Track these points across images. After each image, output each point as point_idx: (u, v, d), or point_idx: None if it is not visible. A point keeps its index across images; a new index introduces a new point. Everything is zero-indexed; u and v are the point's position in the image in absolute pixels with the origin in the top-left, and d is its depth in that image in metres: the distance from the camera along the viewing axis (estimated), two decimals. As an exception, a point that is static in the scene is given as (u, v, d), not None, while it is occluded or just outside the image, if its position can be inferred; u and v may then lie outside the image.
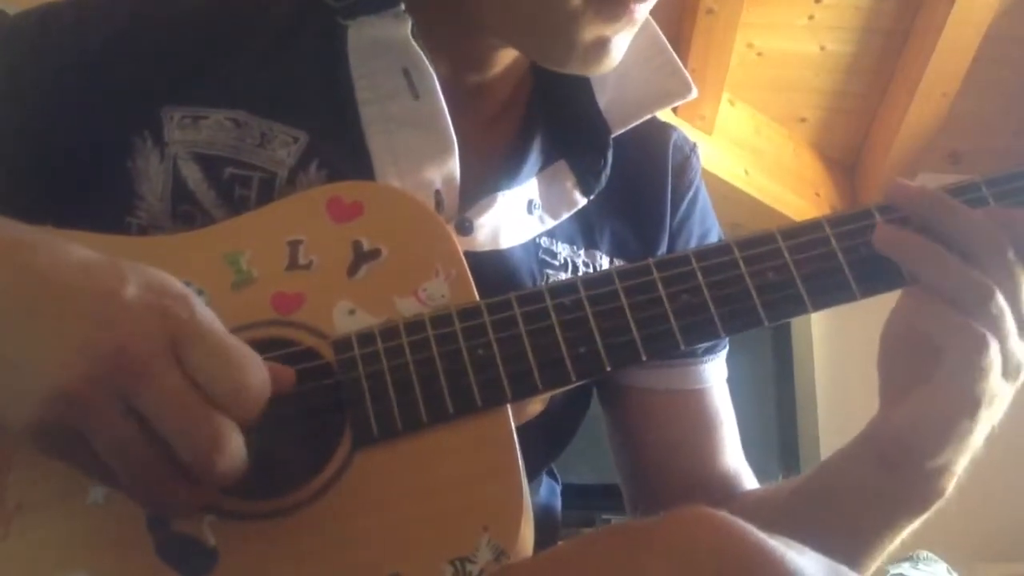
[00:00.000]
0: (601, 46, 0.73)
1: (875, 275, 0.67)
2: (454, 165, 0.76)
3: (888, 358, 0.70)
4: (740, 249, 0.67)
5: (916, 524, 0.72)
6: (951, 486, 0.70)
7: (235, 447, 0.55)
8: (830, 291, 0.66)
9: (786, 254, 0.67)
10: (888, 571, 2.24)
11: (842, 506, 0.73)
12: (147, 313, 0.54)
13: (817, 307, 0.66)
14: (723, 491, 0.86)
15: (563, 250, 0.82)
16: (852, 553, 0.72)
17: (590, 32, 0.72)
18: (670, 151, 0.90)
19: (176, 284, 0.57)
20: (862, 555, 0.73)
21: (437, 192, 0.76)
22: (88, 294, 0.55)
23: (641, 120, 0.84)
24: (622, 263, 0.84)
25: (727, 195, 3.11)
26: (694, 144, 0.94)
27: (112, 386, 0.53)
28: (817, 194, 3.35)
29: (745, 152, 3.18)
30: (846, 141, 3.39)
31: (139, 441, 0.53)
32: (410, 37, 0.74)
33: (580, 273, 0.82)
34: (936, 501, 0.70)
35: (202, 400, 0.54)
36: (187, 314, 0.55)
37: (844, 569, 0.54)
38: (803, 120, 3.30)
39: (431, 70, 0.74)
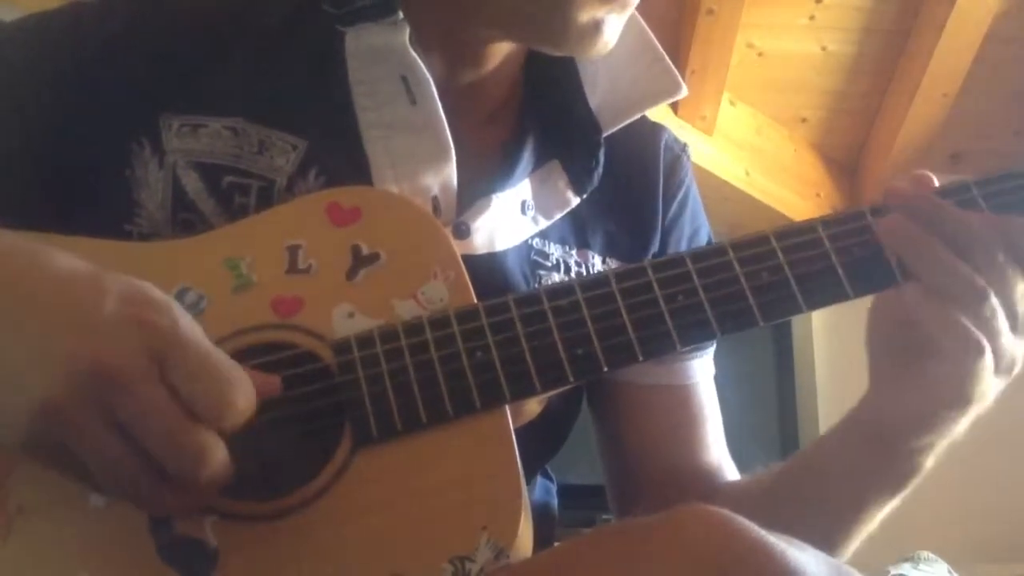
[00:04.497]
0: (595, 27, 0.74)
1: (868, 275, 0.67)
2: (451, 171, 0.77)
3: (878, 341, 0.72)
4: (735, 250, 0.68)
5: (895, 502, 0.75)
6: (930, 463, 0.72)
7: (218, 459, 0.55)
8: (824, 291, 0.67)
9: (780, 255, 0.67)
10: (889, 571, 2.24)
11: (823, 482, 0.75)
12: (128, 326, 0.54)
13: (811, 307, 0.67)
14: (705, 484, 0.87)
15: (555, 251, 0.83)
16: (831, 530, 0.75)
17: (585, 12, 0.73)
18: (661, 150, 0.91)
19: (158, 295, 0.57)
20: (841, 532, 0.75)
21: (434, 198, 0.76)
22: (68, 308, 0.55)
23: (632, 119, 0.85)
24: (614, 262, 0.85)
25: (728, 195, 3.12)
26: (685, 144, 0.95)
27: (94, 400, 0.53)
28: (818, 195, 3.35)
29: (746, 152, 3.18)
30: (847, 141, 3.39)
31: (124, 452, 0.53)
32: (407, 44, 0.74)
33: (572, 273, 0.83)
34: (914, 478, 0.73)
35: (184, 413, 0.54)
36: (169, 325, 0.55)
37: (845, 567, 0.55)
38: (804, 120, 3.30)
39: (428, 76, 0.75)
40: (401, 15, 0.74)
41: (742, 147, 3.17)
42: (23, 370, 0.53)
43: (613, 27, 0.75)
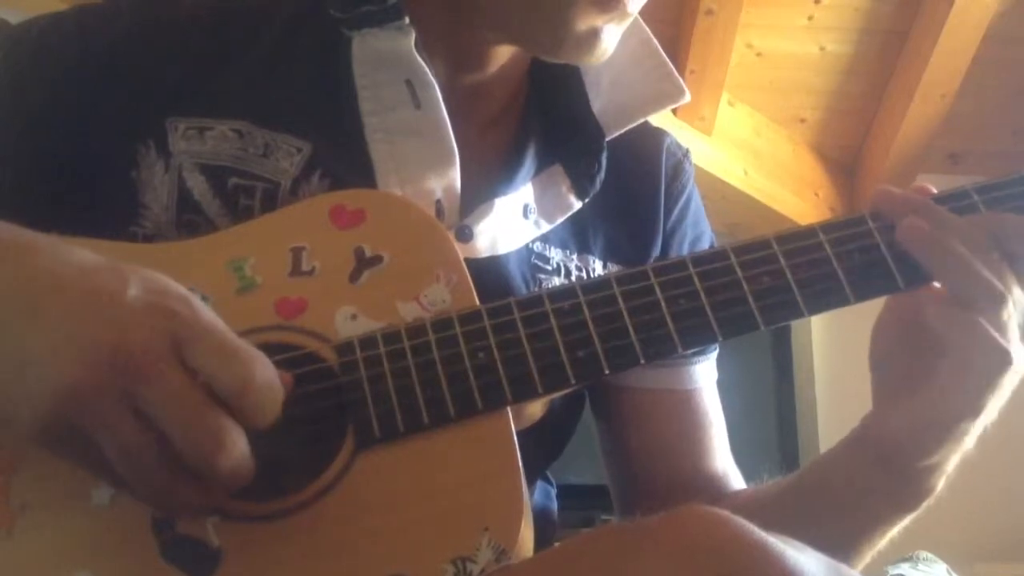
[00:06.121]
0: (593, 35, 0.74)
1: (869, 280, 0.68)
2: (455, 175, 0.77)
3: (883, 355, 0.71)
4: (736, 255, 0.68)
5: (905, 522, 0.73)
6: (941, 484, 0.71)
7: (237, 444, 0.55)
8: (825, 296, 0.67)
9: (781, 259, 0.68)
10: (888, 571, 2.25)
11: (833, 503, 0.74)
12: (149, 314, 0.55)
13: (812, 311, 0.67)
14: (711, 491, 0.87)
15: (556, 255, 0.83)
16: (841, 551, 0.72)
17: (584, 21, 0.73)
18: (663, 155, 0.91)
19: (176, 286, 0.58)
20: (851, 553, 0.74)
21: (438, 202, 0.77)
22: (90, 296, 0.55)
23: (635, 123, 0.85)
24: (615, 267, 0.85)
25: (726, 196, 3.12)
26: (686, 149, 0.95)
27: (116, 386, 0.53)
28: (816, 195, 3.35)
29: (744, 153, 3.18)
30: (845, 142, 3.39)
31: (144, 441, 0.54)
32: (413, 50, 0.75)
33: (573, 278, 0.83)
34: (927, 499, 0.71)
35: (205, 398, 0.54)
36: (189, 314, 0.56)
37: (844, 567, 0.54)
38: (802, 121, 3.31)
39: (433, 81, 0.75)
40: (407, 20, 0.74)
41: (741, 147, 3.18)
42: (45, 357, 0.53)
43: (611, 35, 0.75)
